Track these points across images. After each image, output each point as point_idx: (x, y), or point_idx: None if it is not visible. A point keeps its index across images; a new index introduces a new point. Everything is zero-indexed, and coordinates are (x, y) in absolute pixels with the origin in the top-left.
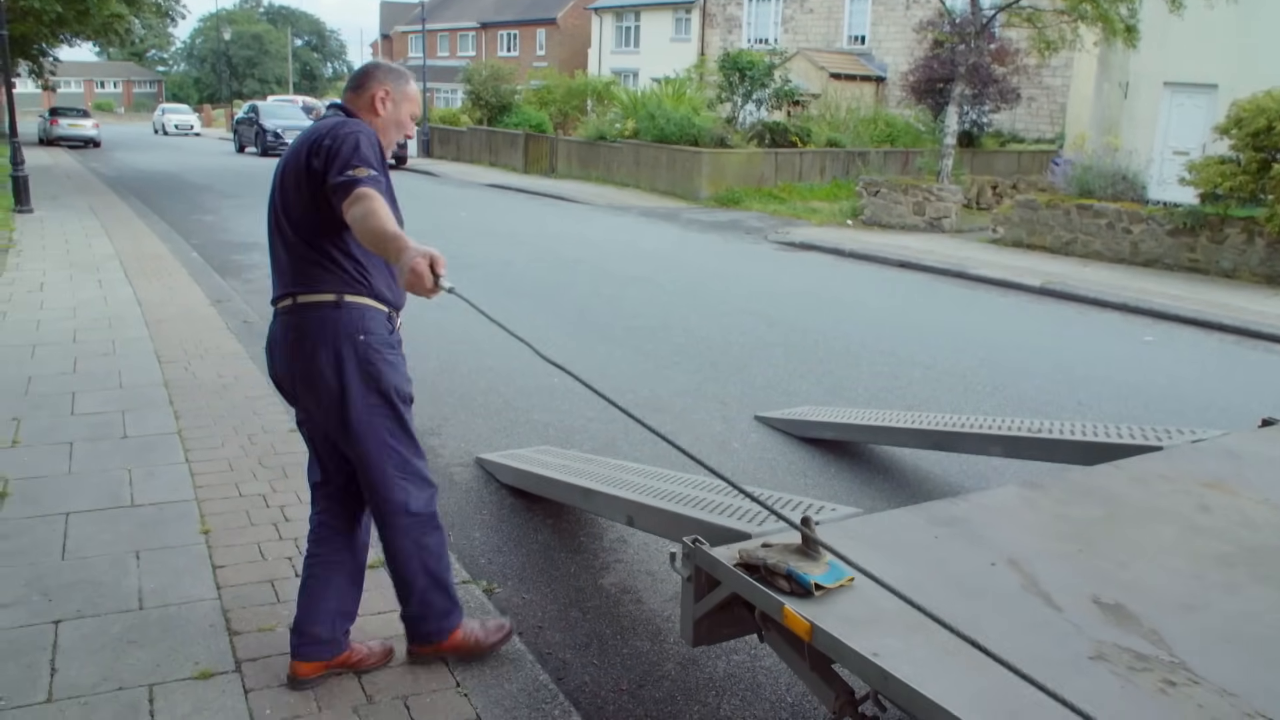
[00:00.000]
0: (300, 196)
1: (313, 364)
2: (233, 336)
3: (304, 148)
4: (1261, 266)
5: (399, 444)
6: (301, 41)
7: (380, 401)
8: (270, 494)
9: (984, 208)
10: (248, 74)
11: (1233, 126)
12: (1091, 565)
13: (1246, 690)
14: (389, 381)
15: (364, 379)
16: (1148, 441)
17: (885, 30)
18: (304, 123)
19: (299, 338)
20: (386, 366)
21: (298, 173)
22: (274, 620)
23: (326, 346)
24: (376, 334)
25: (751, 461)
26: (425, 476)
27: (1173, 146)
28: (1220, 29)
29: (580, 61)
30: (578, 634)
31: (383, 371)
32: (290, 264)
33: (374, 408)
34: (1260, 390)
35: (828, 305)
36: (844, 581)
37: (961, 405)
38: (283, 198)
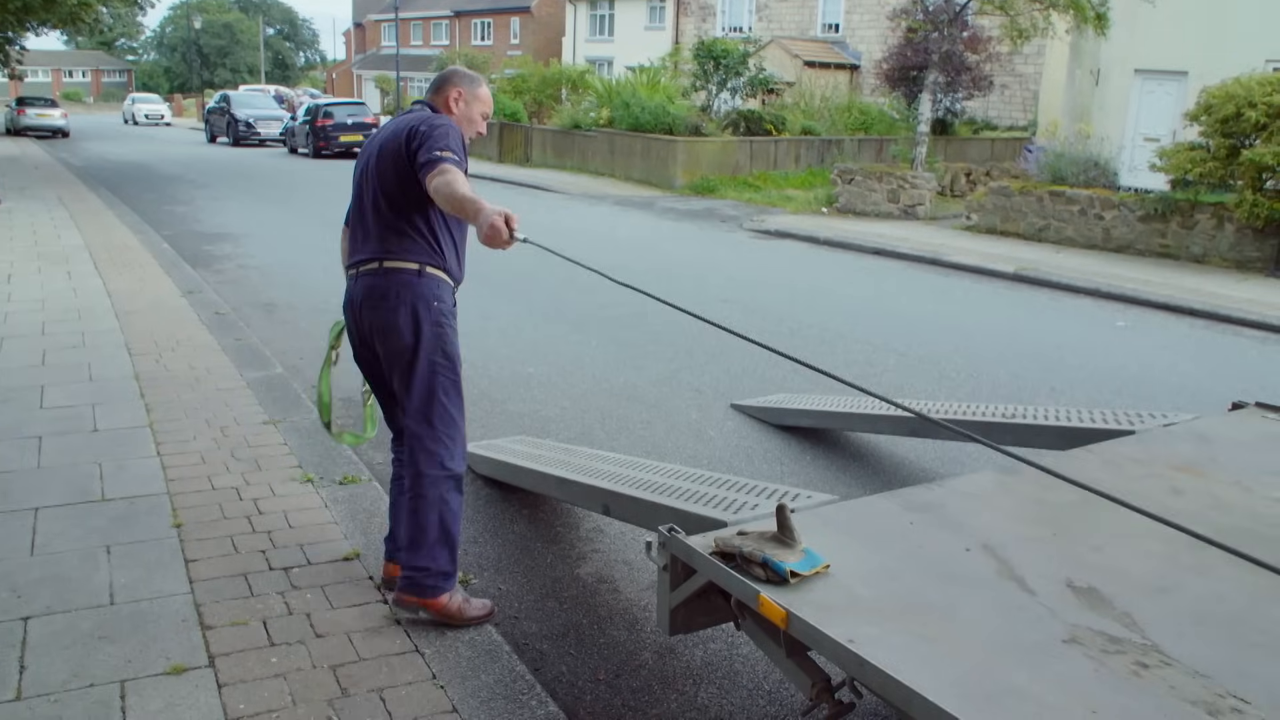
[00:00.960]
0: (398, 174)
1: (394, 320)
2: (204, 328)
3: (403, 131)
4: (1231, 251)
5: (450, 404)
6: (274, 30)
7: (445, 361)
8: (243, 487)
9: (958, 195)
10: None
11: (1202, 113)
12: (1065, 549)
13: (1217, 671)
14: (454, 346)
15: (434, 339)
16: (1120, 426)
17: (859, 18)
18: (277, 112)
19: (382, 296)
20: (452, 332)
21: (397, 153)
22: (247, 614)
23: (406, 307)
24: (446, 302)
25: (728, 450)
26: (464, 440)
27: (1143, 133)
28: (1189, 16)
29: (555, 50)
30: (554, 624)
31: (449, 336)
32: (379, 233)
33: (438, 365)
34: (1230, 374)
35: (803, 293)
36: (820, 569)
37: (936, 392)
38: (379, 175)
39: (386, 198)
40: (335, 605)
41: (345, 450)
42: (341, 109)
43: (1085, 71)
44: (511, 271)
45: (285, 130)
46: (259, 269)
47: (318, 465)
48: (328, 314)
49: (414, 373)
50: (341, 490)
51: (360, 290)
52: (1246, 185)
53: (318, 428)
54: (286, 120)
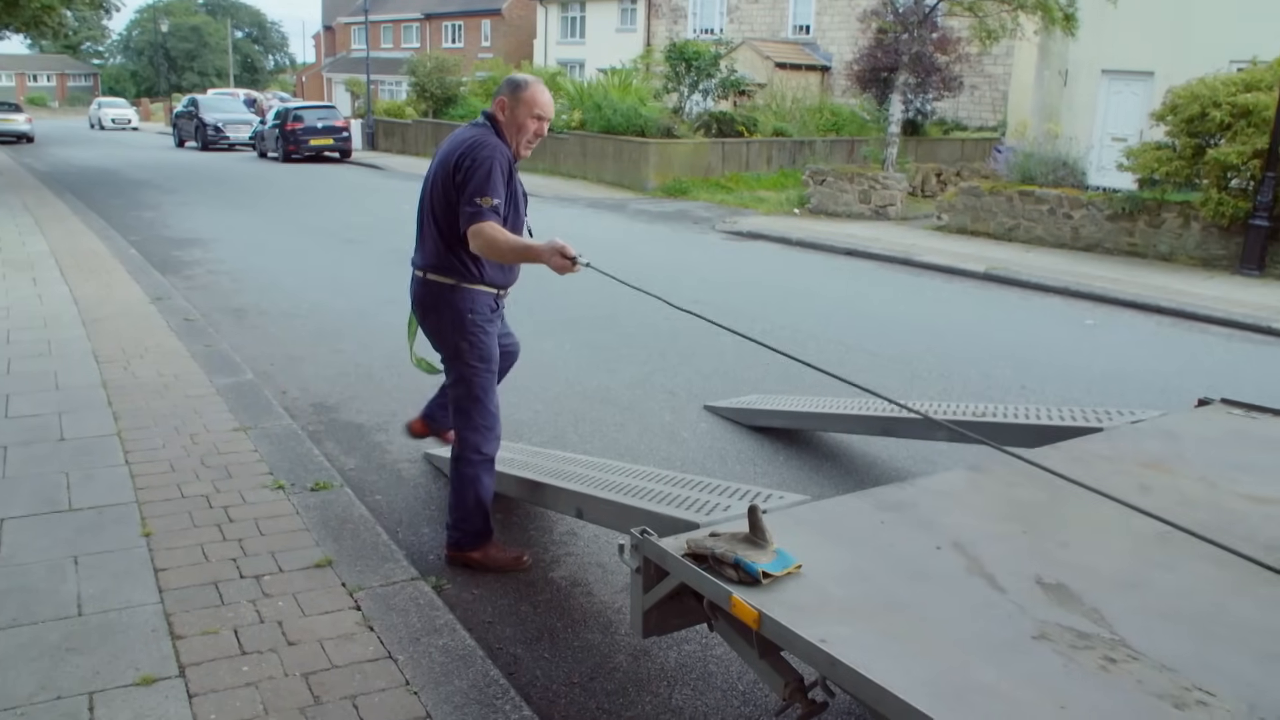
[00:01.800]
0: (446, 200)
1: (438, 325)
2: (173, 335)
3: (453, 159)
4: (1197, 250)
5: (486, 399)
6: (242, 34)
7: (480, 364)
8: (213, 495)
9: (929, 195)
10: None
11: (1168, 113)
12: (1035, 546)
13: (1184, 664)
14: (484, 350)
15: (470, 347)
16: (1089, 423)
17: (830, 20)
18: (246, 116)
19: (429, 305)
20: (485, 337)
21: (446, 181)
22: (218, 623)
23: (445, 320)
24: (480, 313)
25: (701, 451)
26: (496, 428)
27: (1111, 133)
28: (1155, 17)
29: (526, 52)
30: (528, 628)
31: (483, 341)
32: (430, 246)
33: (471, 367)
34: (1196, 371)
35: (775, 294)
36: (792, 569)
37: (908, 391)
38: (432, 193)
39: (434, 216)
40: (307, 613)
41: (317, 457)
42: (311, 113)
43: (1053, 72)
44: None
45: (254, 134)
46: (229, 274)
47: (289, 472)
48: (298, 319)
49: (455, 374)
50: (313, 497)
51: (412, 292)
52: (1212, 184)
53: (289, 434)
54: (256, 124)
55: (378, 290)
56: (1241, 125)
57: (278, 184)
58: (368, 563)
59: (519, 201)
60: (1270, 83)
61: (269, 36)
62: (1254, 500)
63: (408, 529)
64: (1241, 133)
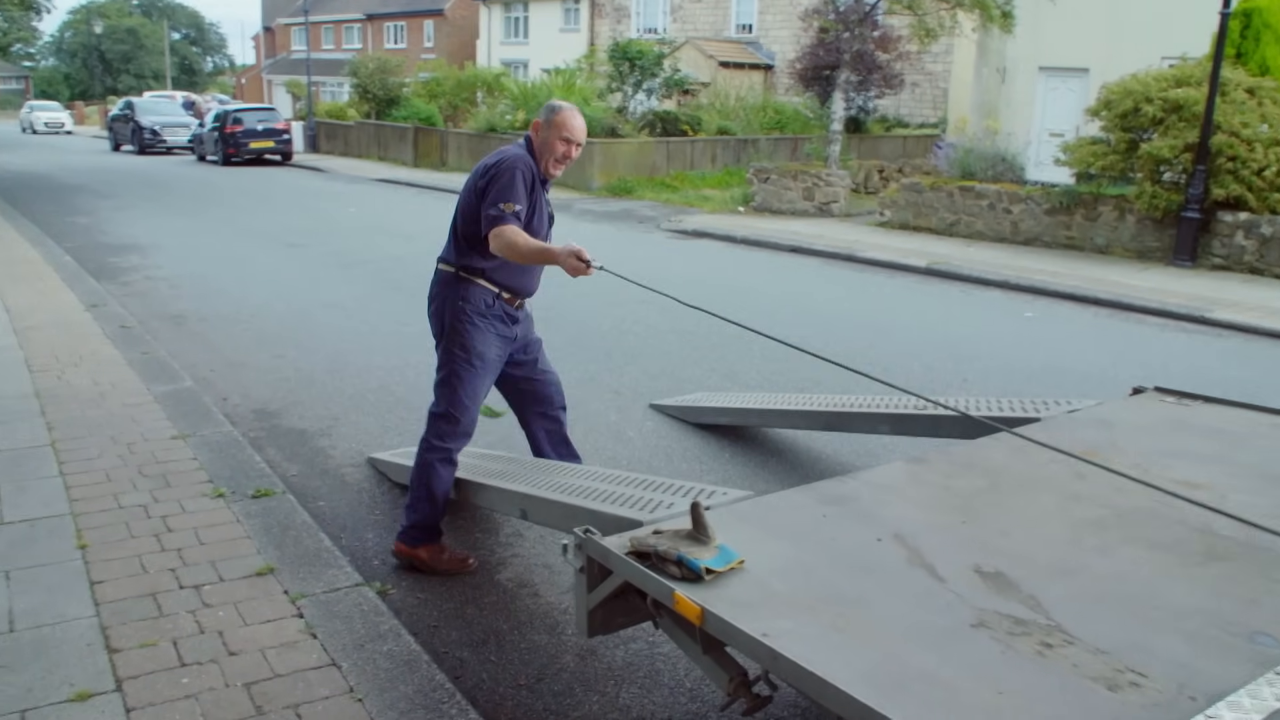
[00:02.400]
0: (471, 202)
1: (439, 308)
2: (109, 342)
3: (481, 169)
4: (1132, 242)
5: (460, 389)
6: (179, 35)
7: (460, 351)
8: (151, 504)
9: (871, 192)
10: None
11: (1103, 109)
12: (974, 536)
13: (1117, 647)
14: (470, 340)
15: (453, 331)
16: (1027, 414)
17: (772, 19)
18: (184, 119)
19: (434, 290)
20: (473, 328)
21: (475, 186)
22: (156, 635)
23: (443, 299)
24: (473, 304)
25: (646, 450)
26: (463, 423)
27: (1048, 129)
28: (1090, 15)
29: (469, 53)
30: (474, 631)
31: (468, 331)
32: (449, 242)
33: (453, 353)
34: (1131, 360)
35: (721, 292)
36: (734, 564)
37: (851, 386)
38: (464, 194)
39: (457, 219)
40: (249, 622)
41: (258, 463)
42: (251, 115)
43: (992, 69)
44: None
45: (193, 137)
46: (167, 280)
47: (229, 480)
48: (239, 324)
49: (440, 357)
50: (254, 504)
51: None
52: (1145, 177)
53: (229, 441)
54: (194, 127)
55: (320, 294)
56: (1173, 120)
57: (217, 188)
58: (310, 569)
59: (541, 215)
60: (1199, 79)
61: (207, 38)
62: (1186, 485)
63: (351, 534)
64: (1173, 127)
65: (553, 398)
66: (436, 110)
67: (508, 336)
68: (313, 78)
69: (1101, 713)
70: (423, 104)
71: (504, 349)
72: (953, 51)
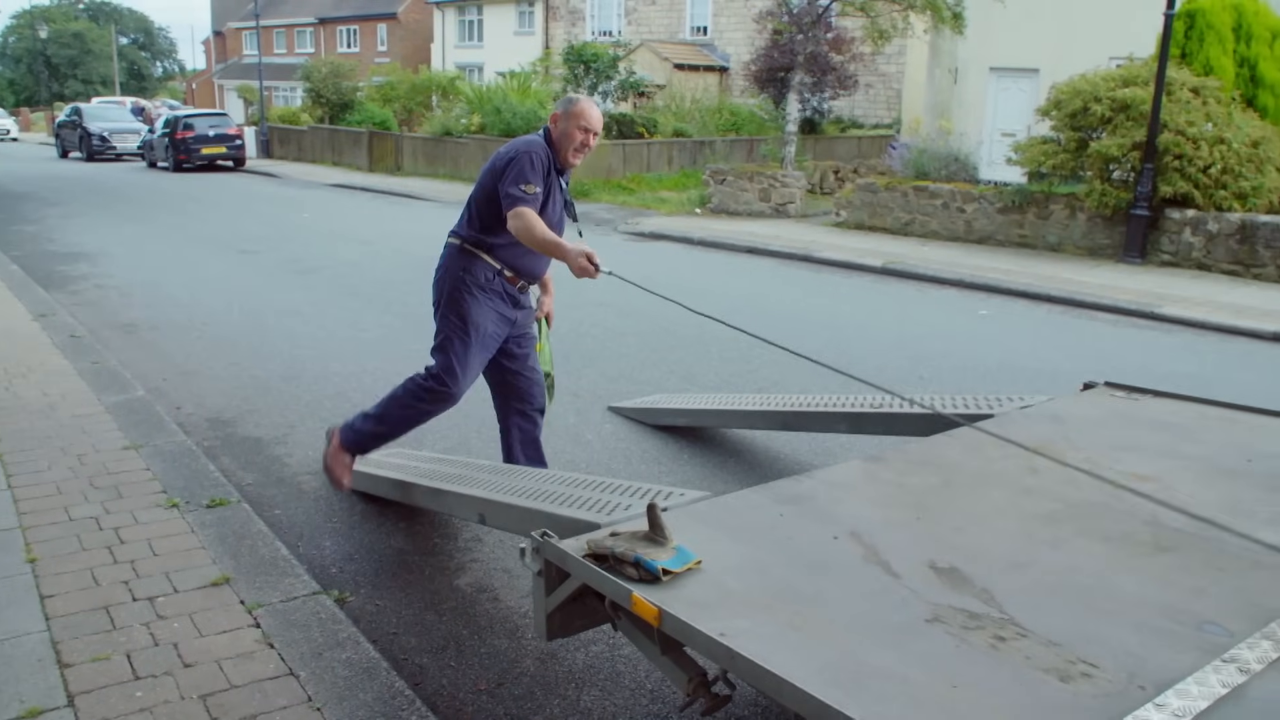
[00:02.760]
0: (488, 184)
1: (440, 276)
2: (58, 352)
3: (498, 156)
4: (1084, 240)
5: (453, 355)
6: (127, 40)
7: (457, 320)
8: (103, 516)
9: (827, 192)
10: (69, 75)
11: (1053, 108)
12: (929, 532)
13: (1069, 639)
14: (467, 309)
15: (450, 299)
16: (980, 410)
17: (726, 21)
18: (134, 125)
19: (440, 260)
20: (470, 299)
21: (495, 169)
22: (109, 649)
23: (443, 270)
24: (473, 276)
25: (605, 452)
26: (451, 390)
27: (1000, 128)
28: (1039, 16)
29: (423, 56)
30: (434, 637)
31: (465, 300)
32: (464, 216)
33: (449, 319)
34: (1083, 356)
35: (678, 294)
36: (691, 565)
37: (809, 386)
38: (482, 175)
39: (472, 200)
40: (204, 633)
41: (213, 473)
42: (203, 120)
43: (944, 70)
44: (384, 282)
45: (143, 144)
46: (118, 289)
47: (183, 489)
48: (192, 332)
49: (437, 325)
50: (209, 514)
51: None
52: (1095, 176)
53: (183, 450)
54: (144, 133)
55: (275, 301)
56: (1121, 119)
57: (169, 194)
58: (267, 579)
59: (556, 203)
60: (1146, 78)
61: (156, 42)
62: (1136, 478)
63: (309, 542)
64: (1121, 126)
65: (535, 396)
66: (391, 114)
67: (507, 316)
68: (265, 82)
69: (1054, 703)
70: (377, 108)
71: (502, 327)
72: (905, 53)
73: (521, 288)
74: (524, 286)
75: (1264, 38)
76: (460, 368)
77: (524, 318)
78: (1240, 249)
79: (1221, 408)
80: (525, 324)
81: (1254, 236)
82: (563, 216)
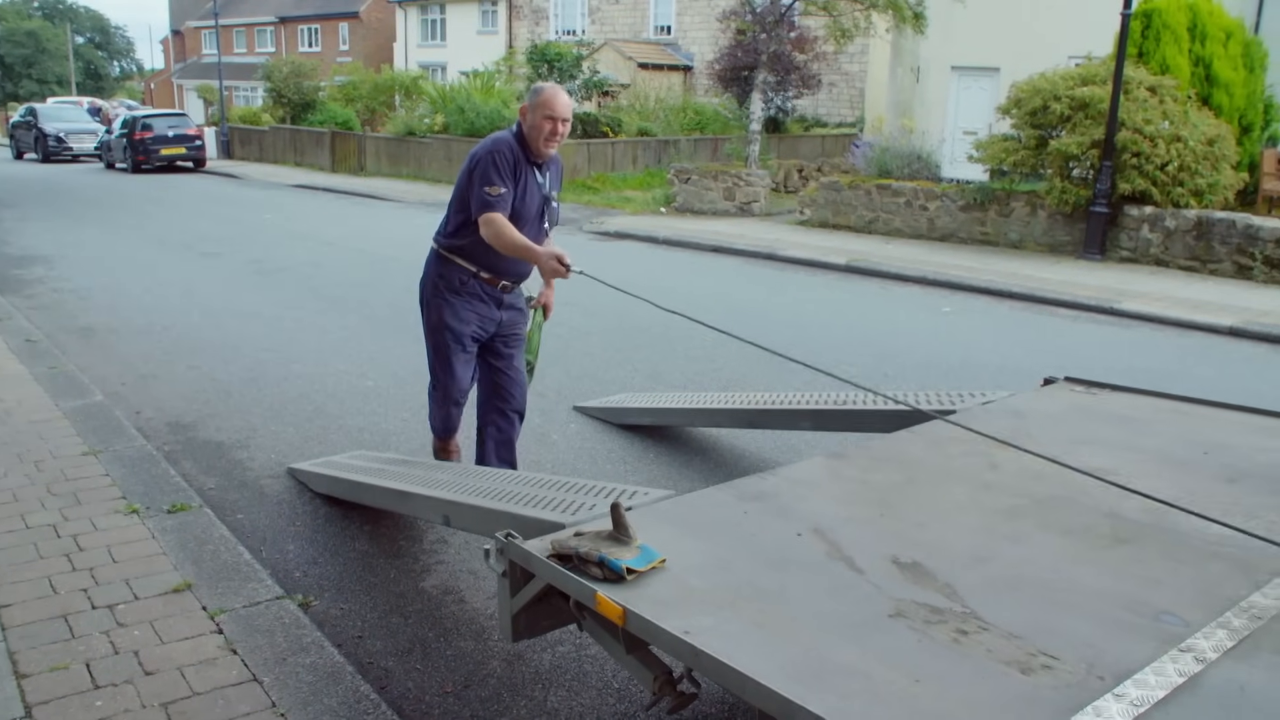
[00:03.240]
0: (462, 184)
1: (423, 279)
2: (14, 357)
3: (471, 154)
4: (1044, 237)
5: (436, 360)
6: (83, 39)
7: (432, 324)
8: (61, 523)
9: (791, 191)
10: (24, 74)
11: (1013, 107)
12: (891, 528)
13: (1029, 631)
14: (440, 314)
15: (426, 306)
16: (943, 406)
17: (690, 20)
18: (91, 126)
19: (425, 264)
20: (443, 304)
21: (470, 170)
22: (68, 658)
23: (424, 273)
24: (447, 280)
25: (571, 452)
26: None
27: (962, 127)
28: (999, 15)
29: (386, 56)
30: (400, 640)
31: (439, 306)
32: (444, 218)
33: (427, 325)
34: (1044, 351)
35: (643, 292)
36: (656, 563)
37: (774, 384)
38: (458, 178)
39: (453, 195)
40: (165, 640)
41: (173, 477)
42: (161, 121)
43: (906, 69)
44: (347, 282)
45: (101, 144)
46: (75, 292)
47: (143, 495)
48: (152, 335)
49: (424, 327)
50: (170, 519)
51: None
52: (1055, 173)
53: (143, 455)
54: (102, 134)
55: (236, 303)
56: (1080, 117)
57: (127, 196)
58: (229, 584)
59: (531, 195)
60: (1104, 77)
61: (113, 42)
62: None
63: (272, 546)
64: (1080, 124)
65: (515, 395)
66: (354, 114)
67: (489, 316)
68: (225, 82)
69: (1014, 695)
70: (339, 108)
71: (484, 326)
72: (868, 52)
73: (504, 288)
74: (507, 287)
75: (1218, 37)
76: (443, 370)
77: (511, 318)
78: (1197, 245)
79: (1178, 401)
80: (513, 324)
81: (1210, 233)
82: (541, 209)
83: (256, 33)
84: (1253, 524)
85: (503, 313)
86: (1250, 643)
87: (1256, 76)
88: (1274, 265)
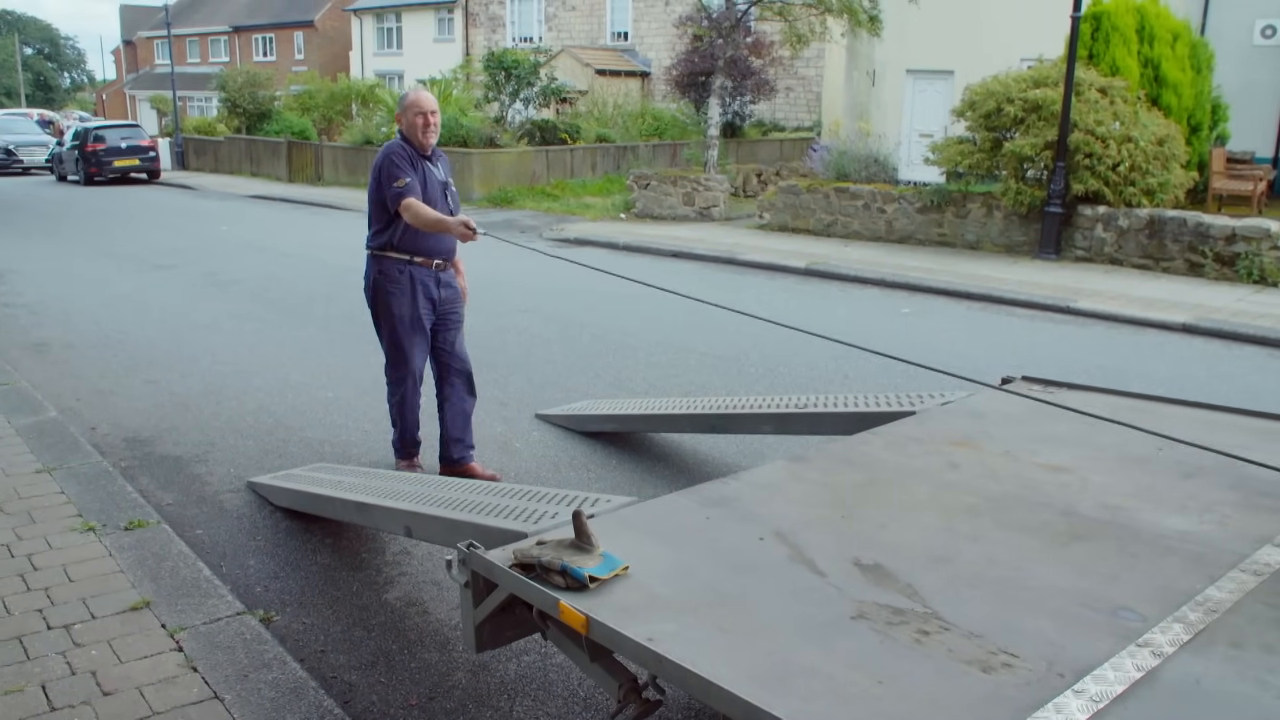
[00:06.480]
0: (374, 189)
1: (367, 284)
2: None
3: (374, 163)
4: (1001, 237)
5: (390, 342)
6: (32, 50)
7: (384, 314)
8: (15, 542)
9: (750, 195)
10: None
11: (967, 109)
12: (853, 530)
13: (990, 630)
14: (389, 302)
15: (376, 302)
16: (902, 407)
17: (647, 26)
18: (41, 138)
19: (365, 271)
20: (390, 294)
21: (376, 176)
22: (23, 680)
23: (368, 276)
24: (387, 274)
25: (533, 460)
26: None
27: (918, 130)
28: (952, 19)
29: (342, 64)
30: (363, 653)
31: (386, 296)
32: (368, 227)
33: (379, 316)
34: (1003, 350)
35: (604, 299)
36: (619, 571)
37: (736, 388)
38: (369, 187)
39: (369, 203)
40: (124, 659)
41: (130, 494)
42: (114, 132)
43: (862, 73)
44: (305, 294)
45: (52, 156)
46: (27, 307)
47: (100, 512)
48: (107, 349)
49: (376, 326)
50: (127, 536)
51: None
52: (1010, 175)
53: (99, 472)
54: (53, 146)
55: (193, 316)
56: (1033, 119)
57: (80, 209)
58: (189, 600)
59: (433, 184)
60: (1056, 79)
61: (63, 53)
62: (1051, 469)
63: (232, 562)
64: (1033, 126)
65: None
66: (310, 124)
67: (430, 297)
68: (179, 92)
69: (976, 694)
70: (295, 118)
71: (428, 308)
72: (824, 56)
73: (439, 266)
74: (441, 265)
75: (1165, 39)
76: (395, 351)
77: (449, 295)
78: (1150, 244)
79: (1133, 398)
80: (452, 301)
81: (1162, 231)
82: (444, 193)
83: (210, 42)
84: (1206, 518)
85: (441, 290)
86: (1205, 636)
87: (1204, 77)
88: (1224, 262)
